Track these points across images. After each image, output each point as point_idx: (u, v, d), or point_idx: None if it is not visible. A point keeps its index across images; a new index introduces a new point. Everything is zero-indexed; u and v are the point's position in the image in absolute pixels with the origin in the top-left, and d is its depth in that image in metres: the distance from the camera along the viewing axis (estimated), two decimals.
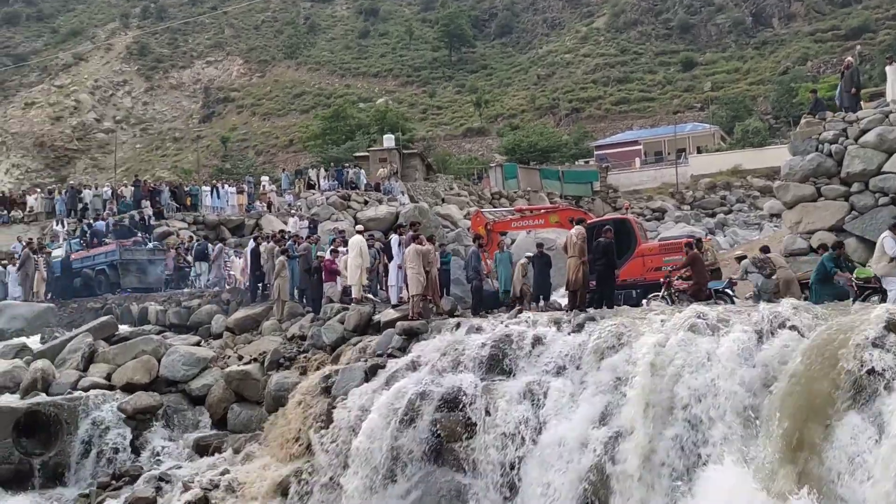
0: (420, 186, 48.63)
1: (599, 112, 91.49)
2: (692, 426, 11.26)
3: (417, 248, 18.12)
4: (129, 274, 28.25)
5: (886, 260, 13.63)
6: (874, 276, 14.08)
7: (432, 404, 14.12)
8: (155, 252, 29.62)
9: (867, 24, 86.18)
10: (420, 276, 17.80)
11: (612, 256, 16.88)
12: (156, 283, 28.37)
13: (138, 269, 28.42)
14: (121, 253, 28.36)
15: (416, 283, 17.81)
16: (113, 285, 28.10)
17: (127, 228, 31.46)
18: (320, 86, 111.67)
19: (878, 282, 13.96)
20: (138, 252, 29.19)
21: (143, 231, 31.75)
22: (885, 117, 18.51)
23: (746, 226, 45.64)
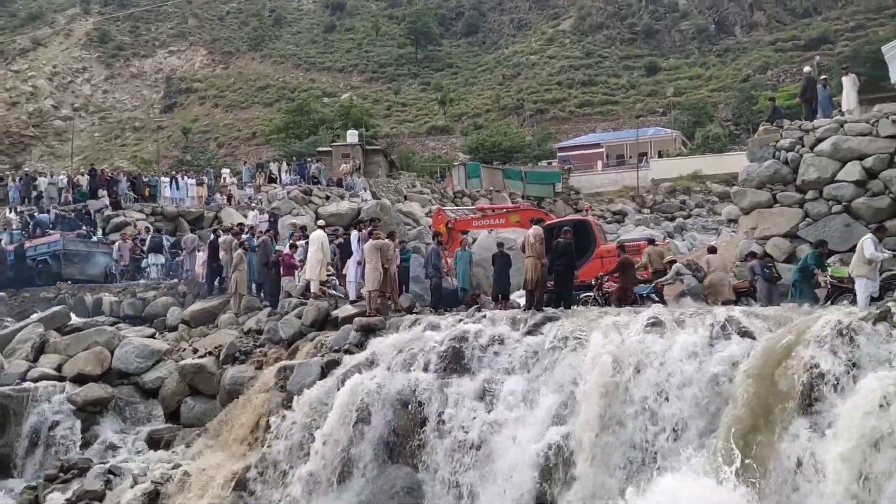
0: (383, 183, 48.47)
1: (563, 114, 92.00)
2: (646, 425, 11.37)
3: (375, 242, 18.04)
4: (71, 265, 28.14)
5: (864, 262, 13.98)
6: (848, 277, 14.42)
7: (388, 401, 14.10)
8: (99, 245, 29.42)
9: (826, 36, 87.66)
10: (377, 271, 17.73)
11: (571, 257, 16.96)
12: (98, 275, 28.12)
13: (81, 261, 28.32)
14: (64, 244, 28.26)
15: (373, 278, 17.74)
16: (55, 276, 27.83)
17: (72, 220, 31.15)
18: (284, 79, 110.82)
19: (851, 283, 14.30)
20: (82, 244, 29.15)
21: (87, 224, 31.43)
22: (840, 127, 18.84)
23: (705, 230, 46.15)
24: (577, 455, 11.64)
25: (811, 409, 10.01)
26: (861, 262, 14.03)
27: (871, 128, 18.38)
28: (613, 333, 12.80)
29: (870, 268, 13.94)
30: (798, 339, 10.66)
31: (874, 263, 13.98)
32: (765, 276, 17.16)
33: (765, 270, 17.20)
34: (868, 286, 13.84)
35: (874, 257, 13.89)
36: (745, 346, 11.42)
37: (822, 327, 10.67)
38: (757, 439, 10.24)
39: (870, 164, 18.01)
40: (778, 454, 9.99)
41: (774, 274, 17.08)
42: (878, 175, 17.93)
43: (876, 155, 17.99)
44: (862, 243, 14.20)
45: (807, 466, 9.68)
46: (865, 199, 17.93)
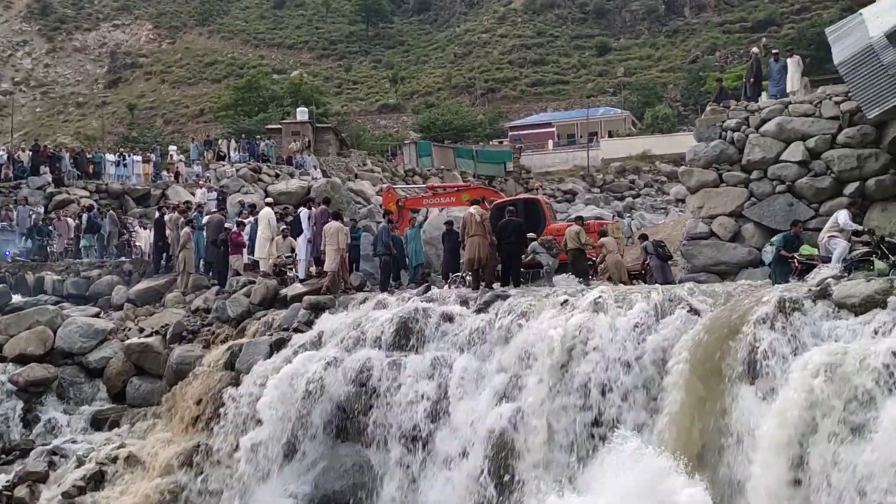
0: (333, 161, 48.05)
1: (514, 93, 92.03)
2: (593, 402, 11.52)
3: (336, 224, 18.01)
4: None
5: (837, 230, 14.47)
6: (817, 255, 14.76)
7: (337, 379, 14.08)
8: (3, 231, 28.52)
9: (773, 18, 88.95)
10: (339, 252, 17.66)
11: (521, 235, 17.02)
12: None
13: None
14: None
15: (334, 258, 17.65)
16: None
17: None
18: (233, 55, 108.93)
19: (821, 260, 14.64)
20: None
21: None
22: (785, 108, 19.12)
23: (654, 210, 46.77)
24: (526, 430, 11.76)
25: (753, 383, 10.22)
26: (835, 231, 14.50)
27: (814, 109, 18.67)
28: (561, 311, 12.91)
29: (842, 237, 14.46)
30: (742, 315, 10.87)
31: (845, 233, 14.48)
32: (658, 255, 18.28)
33: (658, 250, 18.39)
34: (843, 247, 14.29)
35: (846, 226, 14.40)
36: (691, 322, 11.61)
37: (765, 304, 10.88)
38: (700, 414, 10.43)
39: (813, 145, 18.32)
40: (720, 427, 10.20)
41: (667, 254, 18.31)
42: (820, 156, 18.24)
43: (819, 136, 18.30)
44: (837, 214, 14.72)
45: (747, 440, 9.89)
46: (808, 179, 18.24)
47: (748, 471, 9.72)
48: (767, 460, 9.46)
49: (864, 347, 9.44)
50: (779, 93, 20.67)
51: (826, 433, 9.16)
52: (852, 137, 17.85)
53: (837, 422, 9.12)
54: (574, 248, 18.38)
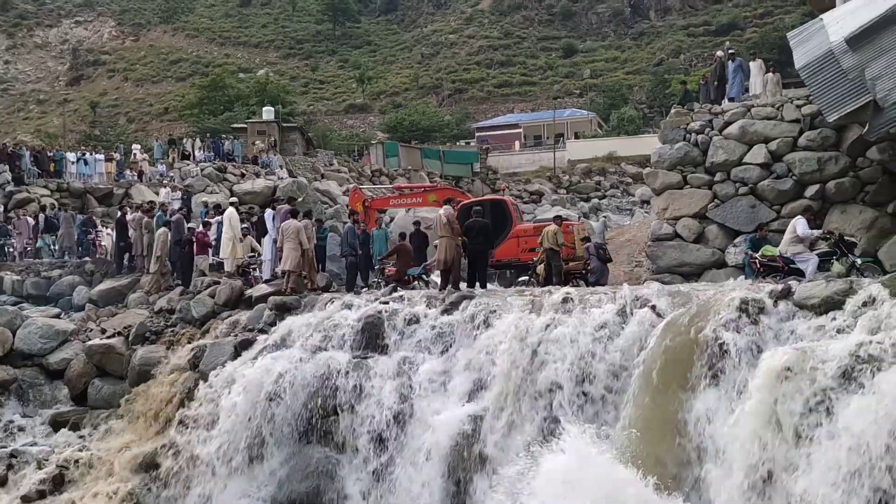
0: (299, 161, 47.81)
1: (482, 94, 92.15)
2: (558, 403, 11.55)
3: (296, 223, 17.88)
4: None
5: (796, 240, 14.59)
6: (779, 256, 14.91)
7: (303, 380, 13.99)
8: None
9: (736, 22, 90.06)
10: (297, 251, 17.55)
11: (487, 236, 17.06)
12: None
13: None
14: None
15: (292, 258, 17.54)
16: None
17: None
18: (198, 53, 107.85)
19: (783, 261, 14.78)
20: None
21: None
22: (748, 111, 19.39)
23: (619, 211, 47.10)
24: (490, 432, 11.78)
25: (715, 384, 10.30)
26: (794, 242, 14.63)
27: (776, 112, 18.96)
28: (527, 312, 12.95)
29: (802, 246, 14.58)
30: (705, 316, 10.96)
31: (806, 241, 14.63)
32: (599, 256, 19.10)
33: (599, 252, 19.27)
34: (811, 259, 14.45)
35: (805, 235, 14.55)
36: (654, 322, 11.68)
37: (727, 304, 10.98)
38: (663, 416, 10.50)
39: (775, 148, 18.59)
40: (682, 427, 10.27)
41: (607, 256, 19.30)
42: (782, 158, 18.52)
43: (781, 138, 18.58)
44: (794, 223, 14.83)
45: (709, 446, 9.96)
46: (770, 181, 18.51)
47: (712, 472, 9.79)
48: (732, 461, 9.54)
49: (824, 348, 9.57)
50: (738, 94, 20.91)
51: (788, 434, 9.26)
52: (813, 140, 18.15)
53: (799, 422, 9.23)
54: (550, 248, 18.49)
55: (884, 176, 17.51)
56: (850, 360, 9.11)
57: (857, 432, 8.41)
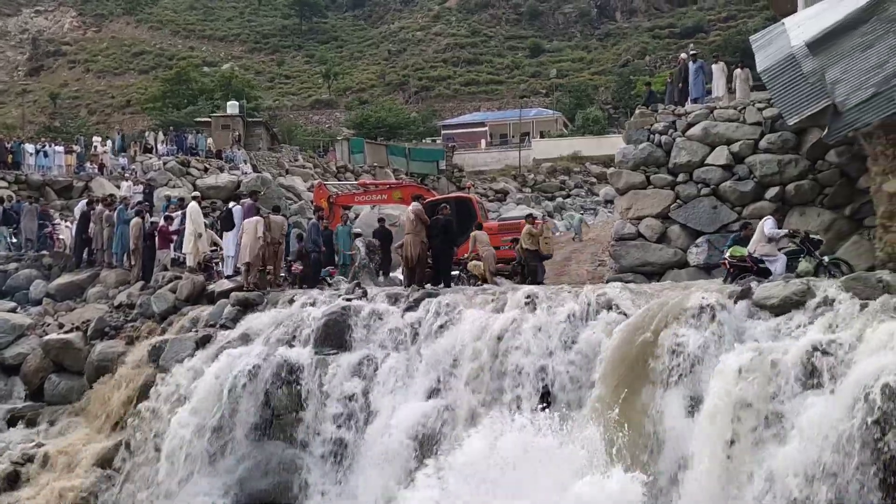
0: (264, 156, 47.53)
1: (448, 92, 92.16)
2: (519, 400, 11.60)
3: (255, 218, 17.77)
4: None
5: (765, 240, 14.73)
6: (748, 256, 15.05)
7: (264, 377, 13.91)
8: None
9: (701, 25, 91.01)
10: (257, 246, 17.41)
11: (450, 234, 17.05)
12: None
13: None
14: None
15: (250, 250, 17.41)
16: None
17: None
18: (162, 46, 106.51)
19: (752, 260, 14.92)
20: None
21: None
22: (711, 113, 19.59)
23: (583, 210, 47.38)
24: (452, 429, 11.79)
25: (676, 383, 10.39)
26: (762, 242, 14.79)
27: (738, 114, 19.18)
28: (490, 310, 12.98)
29: (771, 246, 14.74)
30: (666, 315, 11.07)
31: (774, 241, 14.78)
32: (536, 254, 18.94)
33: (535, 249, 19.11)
34: (779, 259, 14.60)
35: (773, 234, 14.71)
36: (617, 321, 11.77)
37: (688, 304, 11.10)
38: (625, 415, 10.57)
39: (737, 150, 18.79)
40: (644, 426, 10.36)
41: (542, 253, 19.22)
42: (744, 160, 18.73)
43: (742, 140, 18.79)
44: (762, 223, 14.99)
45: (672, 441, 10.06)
46: (732, 182, 18.71)
47: (673, 472, 9.88)
48: (693, 460, 9.63)
49: (781, 347, 9.71)
50: (700, 95, 21.12)
51: (747, 432, 9.38)
52: (774, 143, 18.39)
53: (758, 420, 9.36)
54: (527, 249, 18.70)
55: (841, 179, 17.80)
56: (808, 359, 9.26)
57: (814, 430, 8.55)
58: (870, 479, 8.08)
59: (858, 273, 12.11)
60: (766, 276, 14.14)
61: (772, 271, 14.48)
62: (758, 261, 14.87)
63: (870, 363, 8.59)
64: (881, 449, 8.04)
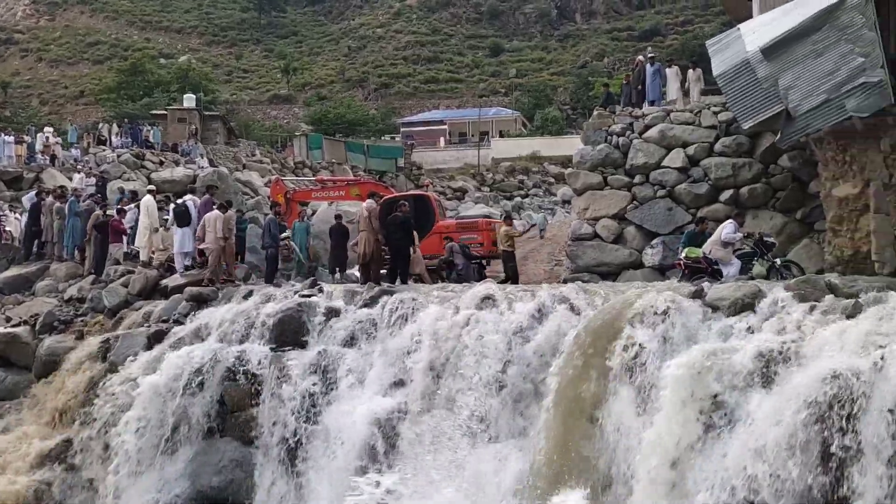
0: (221, 150, 47.07)
1: (408, 89, 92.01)
2: (473, 400, 11.62)
3: (216, 213, 17.60)
4: None
5: (720, 244, 14.88)
6: (703, 257, 15.18)
7: (218, 373, 13.77)
8: None
9: (658, 28, 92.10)
10: (221, 241, 17.27)
11: (408, 231, 17.03)
12: None
13: None
14: None
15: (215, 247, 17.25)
16: None
17: None
18: (117, 36, 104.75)
19: (706, 263, 15.06)
20: None
21: None
22: (667, 115, 19.83)
23: (541, 210, 47.64)
24: (407, 427, 11.78)
25: (630, 383, 10.48)
26: (718, 245, 14.94)
27: (694, 117, 19.44)
28: (446, 308, 13.00)
29: (726, 251, 14.89)
30: (619, 315, 11.17)
31: (730, 247, 14.92)
32: (464, 254, 19.67)
33: (463, 250, 19.82)
34: (734, 265, 14.76)
35: (730, 239, 14.84)
36: (573, 322, 11.86)
37: (642, 304, 11.21)
38: (578, 413, 10.65)
39: (692, 153, 19.04)
40: (599, 425, 10.44)
41: (471, 254, 19.97)
42: (699, 163, 18.98)
43: (698, 144, 19.04)
44: (722, 227, 15.16)
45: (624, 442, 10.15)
46: (687, 185, 18.96)
47: (625, 471, 9.97)
48: (645, 459, 9.72)
49: (732, 348, 9.86)
50: (656, 98, 21.35)
51: (698, 432, 9.50)
52: (728, 147, 18.66)
53: (708, 420, 9.49)
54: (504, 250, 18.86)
55: (793, 183, 18.14)
56: (757, 360, 9.41)
57: (763, 430, 8.70)
58: (814, 477, 8.23)
59: (807, 276, 12.35)
60: (720, 277, 14.34)
61: (724, 273, 14.67)
62: (712, 262, 15.04)
63: (817, 364, 8.75)
64: (826, 448, 8.21)
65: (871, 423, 7.95)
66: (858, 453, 8.00)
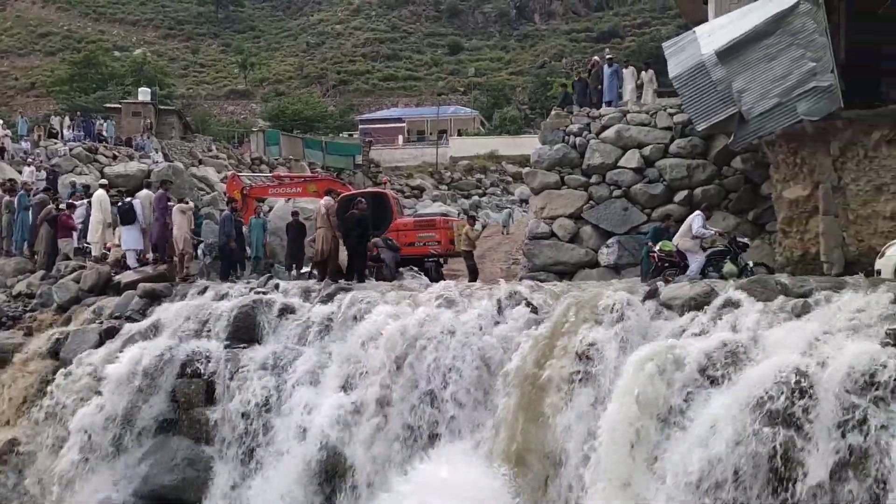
0: (176, 145, 46.44)
1: (366, 87, 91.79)
2: (431, 398, 11.62)
3: (181, 206, 17.43)
4: None
5: (689, 237, 14.99)
6: (675, 251, 15.29)
7: (172, 370, 13.60)
8: None
9: (616, 30, 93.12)
10: (187, 234, 17.10)
11: (365, 229, 16.98)
12: None
13: None
14: None
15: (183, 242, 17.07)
16: None
17: None
18: (70, 28, 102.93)
19: (679, 256, 15.18)
20: None
21: None
22: (624, 116, 20.04)
23: (499, 209, 47.80)
24: (362, 425, 11.75)
25: (585, 382, 10.56)
26: (687, 237, 15.09)
27: (650, 119, 19.67)
28: (404, 306, 12.99)
29: (694, 243, 15.02)
30: (576, 313, 11.26)
31: (698, 240, 15.07)
32: (388, 246, 19.83)
33: (387, 243, 19.96)
34: (698, 259, 14.89)
35: (701, 234, 14.99)
36: (530, 321, 11.91)
37: (597, 304, 11.31)
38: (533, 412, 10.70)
39: (648, 153, 19.27)
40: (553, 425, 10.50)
41: (395, 245, 20.26)
42: (654, 163, 19.22)
43: (653, 145, 19.28)
44: (691, 219, 15.29)
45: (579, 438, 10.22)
46: (642, 185, 19.18)
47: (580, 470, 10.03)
48: (600, 458, 9.80)
49: (686, 346, 9.98)
50: (613, 98, 21.56)
51: (650, 430, 9.61)
52: (683, 148, 18.93)
53: (662, 418, 9.60)
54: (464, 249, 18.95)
55: (746, 185, 18.45)
56: (710, 358, 9.55)
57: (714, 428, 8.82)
58: (764, 474, 8.38)
59: (759, 276, 12.56)
60: None
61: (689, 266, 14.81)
62: (685, 257, 15.16)
63: (767, 363, 8.91)
64: (775, 447, 8.36)
65: (818, 418, 8.15)
66: (805, 445, 8.19)
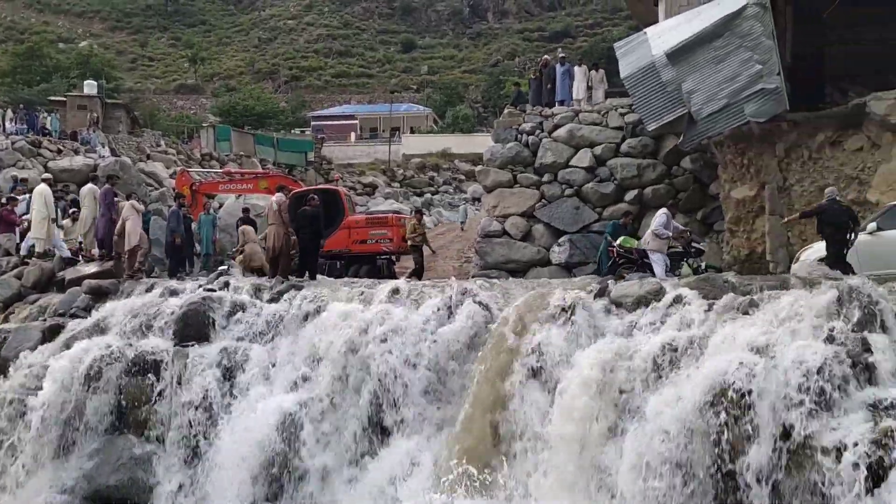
0: (124, 140, 45.60)
1: (319, 83, 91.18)
2: (382, 395, 11.58)
3: (131, 202, 17.12)
4: None
5: (653, 236, 15.07)
6: (636, 248, 15.34)
7: (118, 369, 13.32)
8: None
9: (568, 30, 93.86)
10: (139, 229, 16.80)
11: (317, 226, 16.86)
12: None
13: None
14: None
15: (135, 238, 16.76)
16: None
17: None
18: (13, 19, 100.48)
19: (638, 254, 15.24)
20: None
21: None
22: (576, 115, 20.21)
23: (451, 207, 47.89)
24: (313, 424, 11.67)
25: (538, 379, 10.62)
26: (652, 237, 15.19)
27: (601, 118, 19.87)
28: (355, 303, 12.93)
29: (661, 242, 15.11)
30: (526, 311, 11.33)
31: (663, 238, 15.14)
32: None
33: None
34: (662, 259, 14.97)
35: (660, 233, 15.06)
36: (480, 317, 11.95)
37: (548, 301, 11.39)
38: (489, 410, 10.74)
39: (599, 153, 19.47)
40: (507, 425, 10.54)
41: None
42: (606, 163, 19.43)
43: (605, 144, 19.48)
44: (656, 216, 15.38)
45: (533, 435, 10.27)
46: (594, 184, 19.37)
47: (535, 466, 10.09)
48: (553, 455, 9.87)
49: (635, 343, 10.12)
50: (566, 98, 21.71)
51: (601, 426, 9.71)
52: (634, 148, 19.17)
53: (610, 415, 9.71)
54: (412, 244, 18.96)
55: (695, 185, 18.75)
56: (659, 355, 9.69)
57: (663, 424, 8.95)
58: (710, 469, 8.55)
59: (706, 274, 12.76)
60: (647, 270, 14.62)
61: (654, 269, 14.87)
62: (644, 255, 15.27)
63: (715, 360, 9.06)
64: (722, 443, 8.52)
65: (762, 413, 8.32)
66: (750, 437, 8.35)
